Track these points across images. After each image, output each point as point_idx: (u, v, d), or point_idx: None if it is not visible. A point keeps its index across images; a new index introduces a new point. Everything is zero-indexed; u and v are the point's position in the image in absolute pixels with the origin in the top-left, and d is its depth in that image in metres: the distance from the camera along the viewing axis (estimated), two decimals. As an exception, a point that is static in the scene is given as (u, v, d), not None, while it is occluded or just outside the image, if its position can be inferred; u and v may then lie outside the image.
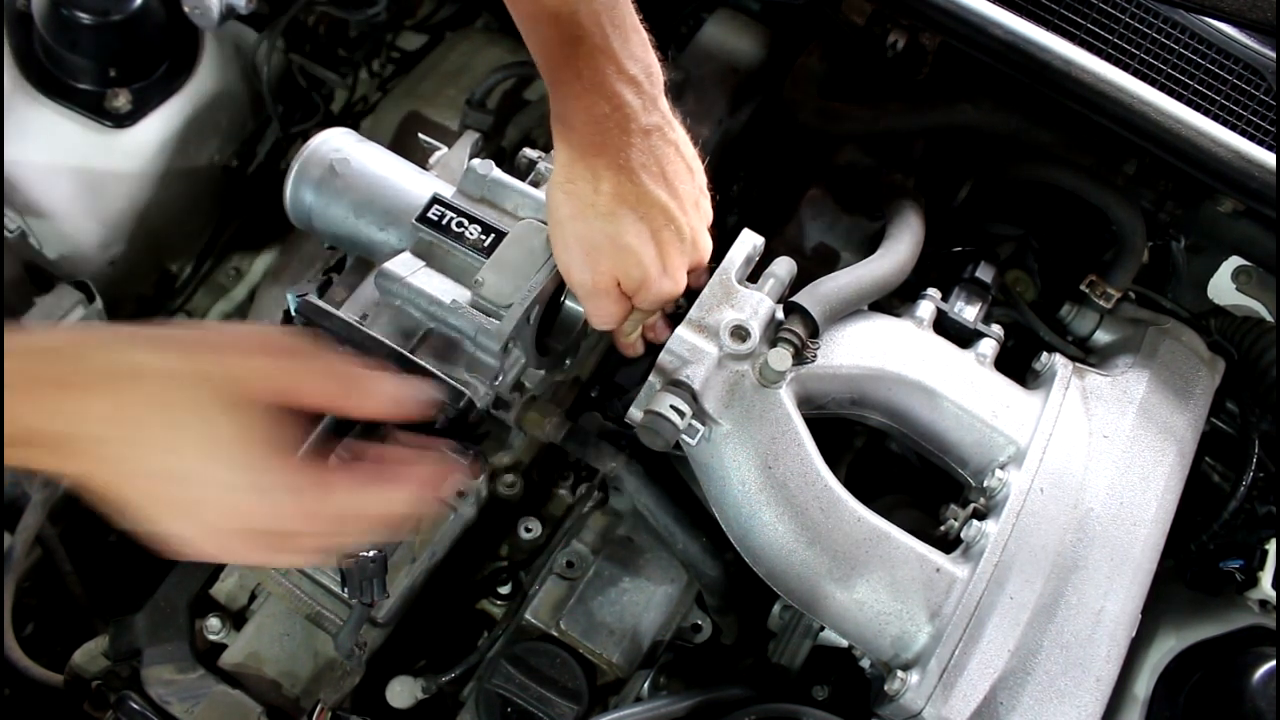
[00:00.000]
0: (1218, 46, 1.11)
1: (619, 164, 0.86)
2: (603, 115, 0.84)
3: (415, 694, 1.05)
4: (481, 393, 1.01)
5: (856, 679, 1.04)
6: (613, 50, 0.83)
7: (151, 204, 1.46)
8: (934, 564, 0.93)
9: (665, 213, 0.89)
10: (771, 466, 0.93)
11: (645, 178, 0.87)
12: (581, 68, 0.83)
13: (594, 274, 0.90)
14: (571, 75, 0.83)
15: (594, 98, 0.84)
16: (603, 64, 0.83)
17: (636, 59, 0.85)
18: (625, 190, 0.87)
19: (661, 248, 0.90)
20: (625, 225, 0.88)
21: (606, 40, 0.83)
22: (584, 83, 0.83)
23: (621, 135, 0.85)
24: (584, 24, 0.81)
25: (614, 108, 0.84)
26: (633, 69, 0.84)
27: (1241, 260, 1.29)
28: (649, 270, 0.90)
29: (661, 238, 0.89)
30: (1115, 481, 1.00)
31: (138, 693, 0.99)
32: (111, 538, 1.50)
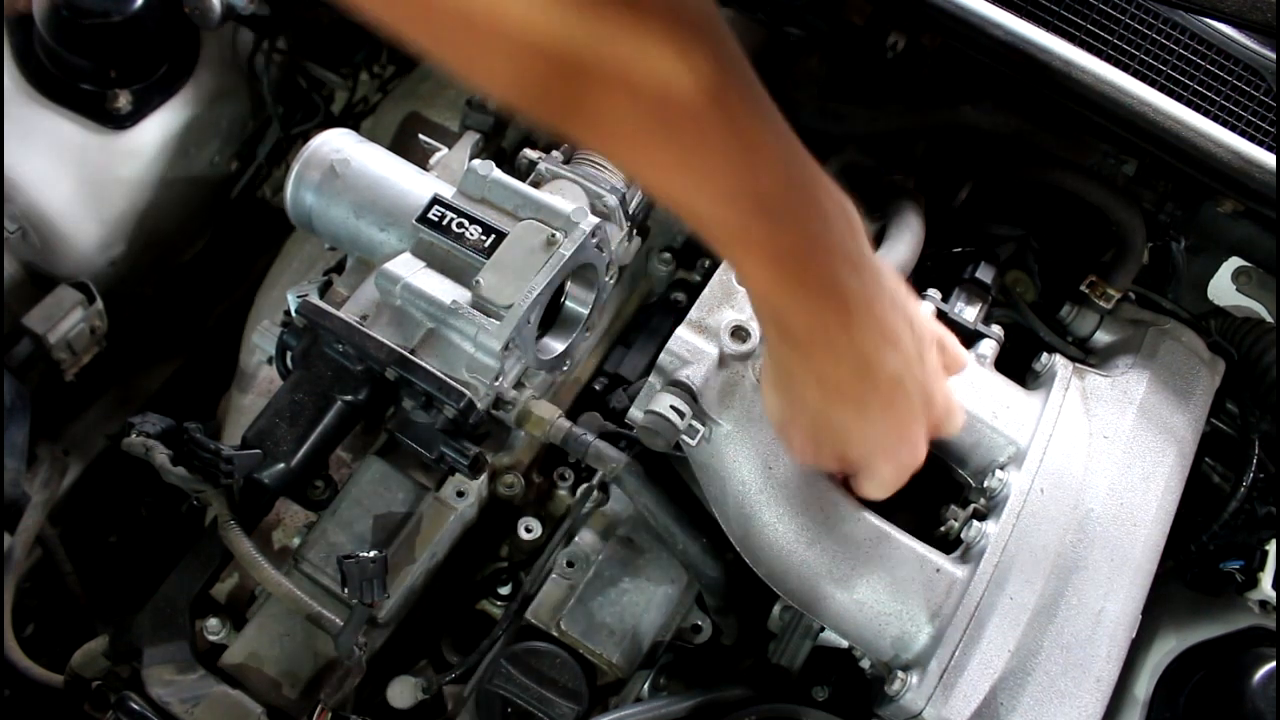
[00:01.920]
0: (1217, 47, 1.11)
1: (838, 353, 0.74)
2: (823, 314, 0.72)
3: (415, 694, 1.05)
4: (482, 393, 1.01)
5: (856, 679, 1.04)
6: (835, 246, 0.70)
7: (152, 205, 1.46)
8: (934, 564, 0.93)
9: (891, 386, 0.77)
10: (771, 467, 0.93)
11: (868, 358, 0.74)
12: (808, 280, 0.70)
13: (817, 458, 0.83)
14: (795, 284, 0.70)
15: (817, 300, 0.71)
16: (830, 265, 0.70)
17: (856, 230, 0.72)
18: (845, 381, 0.75)
19: (892, 421, 0.80)
20: (847, 414, 0.78)
21: (831, 242, 0.70)
22: (808, 289, 0.70)
23: (841, 329, 0.72)
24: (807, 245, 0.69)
25: (838, 304, 0.71)
26: (850, 245, 0.71)
27: (1241, 261, 1.29)
28: (878, 447, 0.81)
29: (891, 413, 0.79)
30: (1115, 482, 1.00)
31: (138, 693, 0.99)
32: (111, 538, 1.50)
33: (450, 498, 1.08)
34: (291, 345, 1.08)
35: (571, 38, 0.54)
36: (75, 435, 1.47)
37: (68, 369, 1.38)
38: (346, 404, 1.04)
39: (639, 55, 0.55)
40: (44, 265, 1.40)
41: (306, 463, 1.04)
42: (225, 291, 1.65)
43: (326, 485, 1.09)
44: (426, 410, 1.02)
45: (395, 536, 1.06)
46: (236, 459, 1.00)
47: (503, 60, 0.55)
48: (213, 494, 1.02)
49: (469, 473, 1.05)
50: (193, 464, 1.02)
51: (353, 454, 1.17)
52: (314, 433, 1.03)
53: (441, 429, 1.03)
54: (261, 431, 1.03)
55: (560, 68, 0.55)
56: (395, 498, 1.08)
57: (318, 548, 1.05)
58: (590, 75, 0.55)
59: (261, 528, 1.12)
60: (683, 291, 1.30)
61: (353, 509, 1.07)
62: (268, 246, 1.54)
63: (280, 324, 1.10)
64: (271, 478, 1.02)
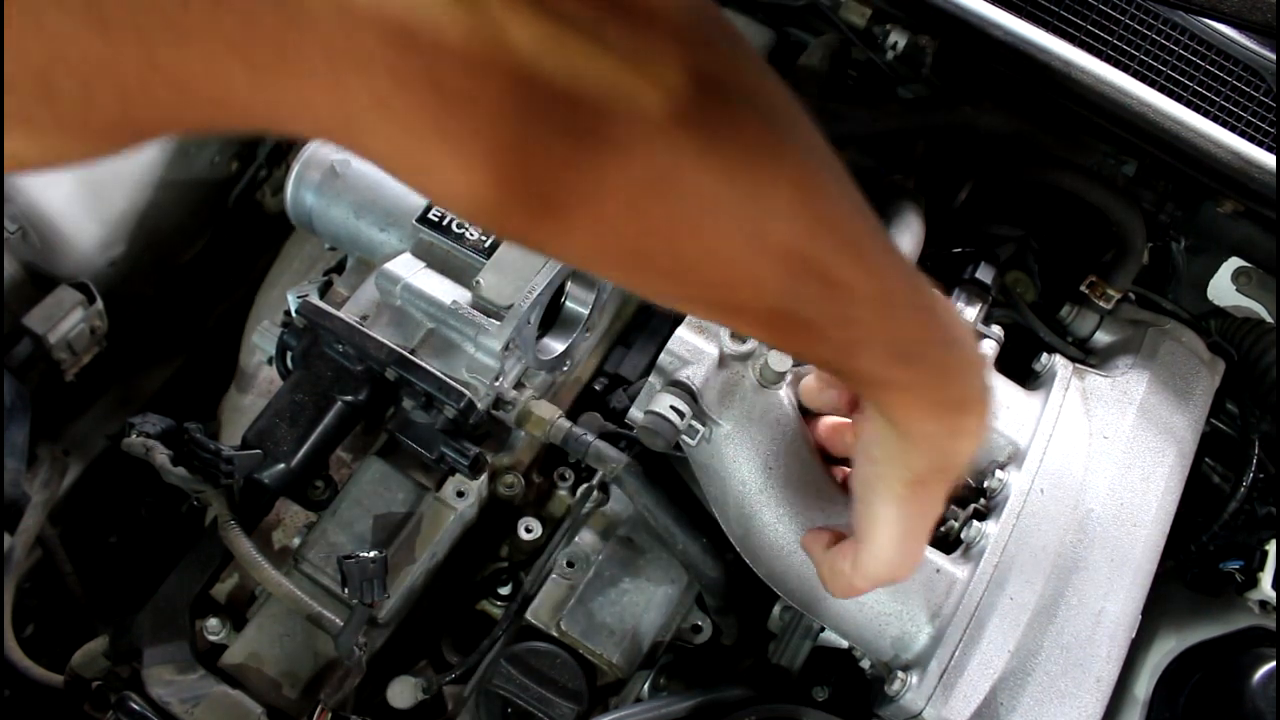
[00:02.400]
0: (1217, 48, 1.11)
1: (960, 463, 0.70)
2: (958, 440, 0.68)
3: (415, 694, 1.05)
4: (482, 393, 1.01)
5: (856, 679, 1.04)
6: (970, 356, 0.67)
7: (152, 205, 1.46)
8: (934, 564, 0.93)
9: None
10: (772, 467, 0.93)
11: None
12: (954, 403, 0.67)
13: (919, 557, 0.77)
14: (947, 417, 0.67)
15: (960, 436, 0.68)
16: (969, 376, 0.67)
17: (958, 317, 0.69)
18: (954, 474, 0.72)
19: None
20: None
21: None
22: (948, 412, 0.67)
23: (977, 431, 0.69)
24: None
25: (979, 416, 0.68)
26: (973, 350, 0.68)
27: (1241, 261, 1.29)
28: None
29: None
30: (1115, 482, 1.00)
31: (138, 693, 0.99)
32: (111, 538, 1.50)
33: (450, 498, 1.08)
34: (291, 345, 1.08)
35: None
36: (75, 435, 1.47)
37: (68, 369, 1.38)
38: (346, 404, 1.04)
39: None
40: (44, 265, 1.40)
41: (306, 463, 1.04)
42: (225, 291, 1.66)
43: (326, 485, 1.09)
44: (426, 410, 1.02)
45: (395, 536, 1.06)
46: (236, 459, 1.00)
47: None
48: (213, 494, 1.02)
49: (469, 473, 1.05)
50: (193, 464, 1.02)
51: (353, 454, 1.17)
52: (314, 433, 1.03)
53: (441, 429, 1.03)
54: (261, 431, 1.03)
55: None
56: (395, 498, 1.08)
57: (318, 548, 1.05)
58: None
59: (261, 528, 1.12)
60: (683, 292, 1.29)
61: (353, 509, 1.07)
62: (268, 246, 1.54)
63: (280, 324, 1.10)
64: (271, 478, 1.02)
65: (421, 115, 0.39)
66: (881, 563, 0.74)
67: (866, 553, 0.74)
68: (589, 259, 0.48)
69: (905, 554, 0.73)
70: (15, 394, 1.26)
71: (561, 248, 0.47)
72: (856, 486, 0.73)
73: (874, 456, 0.70)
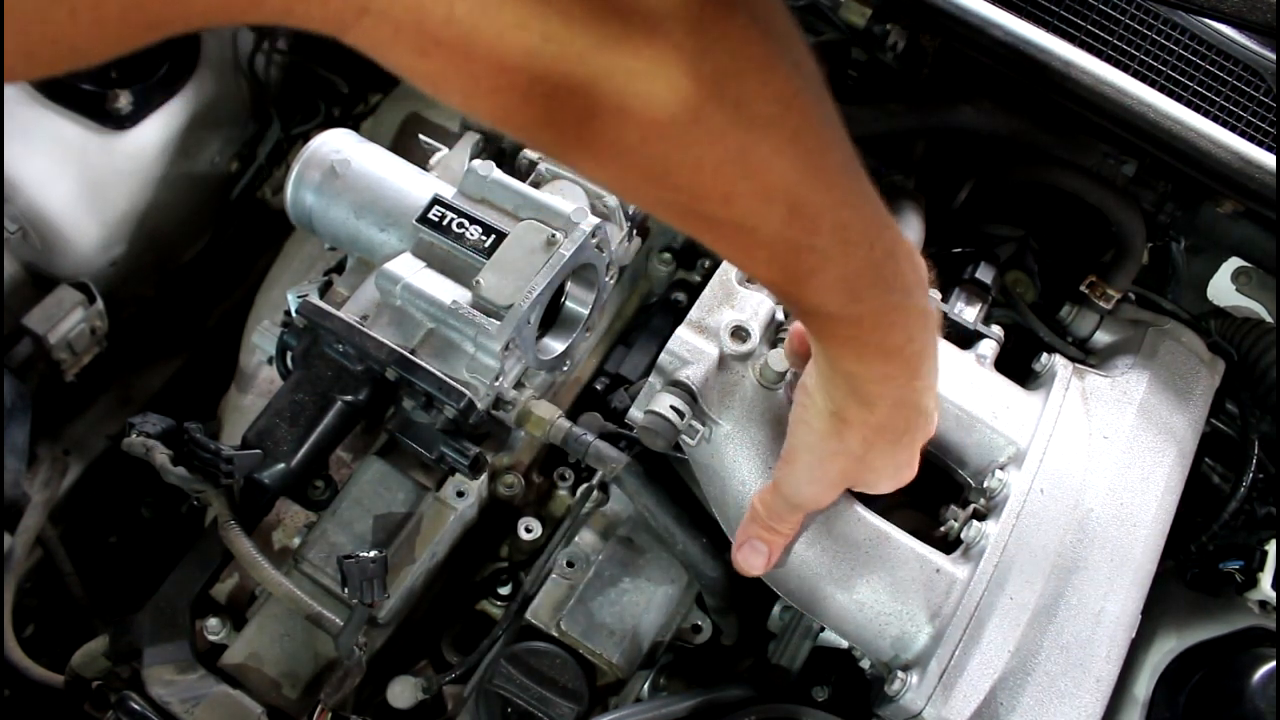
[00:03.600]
0: (1217, 48, 1.11)
1: (902, 405, 0.74)
2: (897, 374, 0.71)
3: (415, 694, 1.05)
4: (482, 393, 1.01)
5: (856, 679, 1.04)
6: (915, 305, 0.68)
7: (152, 205, 1.46)
8: (934, 565, 0.93)
9: (925, 421, 0.77)
10: (771, 467, 0.93)
11: (921, 405, 0.75)
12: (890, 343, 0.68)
13: (830, 495, 0.83)
14: (875, 350, 0.69)
15: (894, 364, 0.70)
16: (908, 324, 0.68)
17: (923, 274, 0.69)
18: (896, 427, 0.76)
19: (913, 450, 0.80)
20: (885, 453, 0.78)
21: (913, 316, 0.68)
22: (888, 355, 0.69)
23: (909, 382, 0.72)
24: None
25: (913, 365, 0.71)
26: (921, 296, 0.69)
27: (1241, 261, 1.29)
28: (897, 475, 0.82)
29: (916, 444, 0.80)
30: (1115, 482, 1.00)
31: (138, 693, 0.99)
32: (111, 538, 1.50)
33: (450, 498, 1.08)
34: (292, 345, 1.08)
35: (550, 57, 0.44)
36: (76, 435, 1.47)
37: (68, 369, 1.38)
38: (346, 404, 1.04)
39: (614, 73, 0.45)
40: (44, 265, 1.41)
41: (306, 463, 1.04)
42: (225, 291, 1.66)
43: (326, 485, 1.09)
44: (426, 410, 1.02)
45: (395, 536, 1.06)
46: (237, 459, 1.00)
47: (486, 90, 0.47)
48: (213, 494, 1.02)
49: (469, 473, 1.05)
50: (193, 464, 1.02)
51: (353, 454, 1.17)
52: (314, 433, 1.03)
53: (441, 429, 1.03)
54: (262, 431, 1.03)
55: (544, 92, 0.46)
56: (395, 498, 1.08)
57: (318, 548, 1.05)
58: (575, 97, 0.46)
59: (261, 528, 1.12)
60: (683, 291, 1.30)
61: (353, 509, 1.07)
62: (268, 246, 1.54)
63: (280, 324, 1.10)
64: (272, 478, 1.02)
65: (409, 40, 0.43)
66: (794, 488, 0.81)
67: (787, 475, 0.81)
68: (566, 156, 0.53)
69: (820, 484, 0.81)
70: (15, 394, 1.26)
71: (540, 145, 0.53)
72: (791, 414, 0.79)
73: (808, 387, 0.75)
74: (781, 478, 0.82)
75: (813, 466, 0.79)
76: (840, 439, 0.75)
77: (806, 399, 0.75)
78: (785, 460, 0.81)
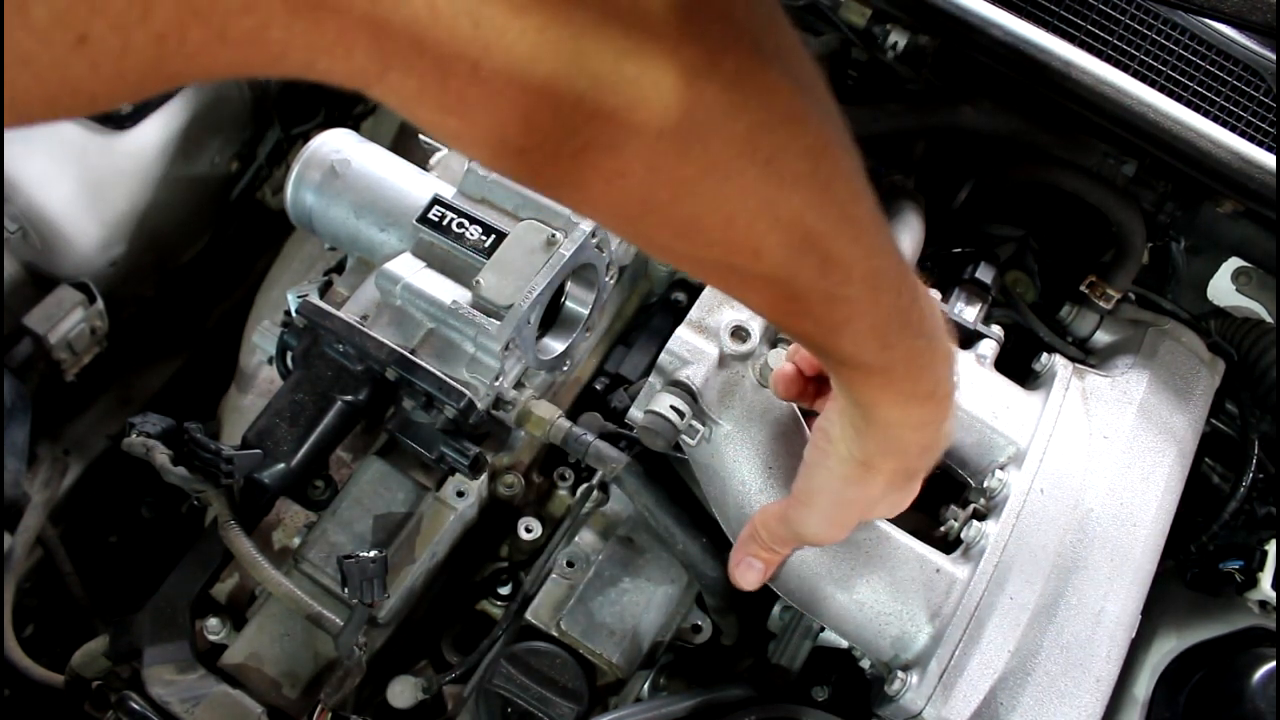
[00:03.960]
0: (1217, 48, 1.11)
1: (927, 439, 0.72)
2: (923, 410, 0.69)
3: (415, 694, 1.05)
4: (482, 393, 1.01)
5: (856, 679, 1.04)
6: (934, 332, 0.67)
7: (152, 205, 1.46)
8: (934, 565, 0.93)
9: (940, 449, 0.77)
10: (772, 467, 0.93)
11: (944, 436, 0.74)
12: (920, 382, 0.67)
13: (841, 535, 0.83)
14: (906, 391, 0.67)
15: (922, 402, 0.69)
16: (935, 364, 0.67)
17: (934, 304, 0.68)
18: (920, 461, 0.75)
19: (920, 481, 0.79)
20: (905, 489, 0.78)
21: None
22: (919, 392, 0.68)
23: (937, 419, 0.71)
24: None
25: (942, 400, 0.70)
26: (945, 341, 0.68)
27: (1241, 261, 1.29)
28: (907, 501, 0.81)
29: (923, 474, 0.79)
30: (1115, 482, 1.00)
31: (138, 693, 0.99)
32: (112, 538, 1.50)
33: (450, 498, 1.08)
34: (292, 345, 1.08)
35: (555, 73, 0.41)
36: (76, 435, 1.47)
37: (68, 369, 1.38)
38: (346, 404, 1.04)
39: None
40: (44, 265, 1.41)
41: (306, 463, 1.04)
42: (225, 291, 1.66)
43: (326, 485, 1.09)
44: (427, 410, 1.02)
45: (395, 536, 1.06)
46: (237, 459, 1.00)
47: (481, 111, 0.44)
48: (213, 494, 1.02)
49: (469, 473, 1.05)
50: (193, 464, 1.02)
51: (353, 454, 1.17)
52: (314, 433, 1.03)
53: (441, 429, 1.03)
54: (262, 431, 1.03)
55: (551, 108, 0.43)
56: (395, 498, 1.08)
57: (318, 548, 1.05)
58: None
59: (261, 528, 1.12)
60: (683, 291, 1.30)
61: (353, 509, 1.07)
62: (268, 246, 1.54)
63: (280, 324, 1.10)
64: (272, 478, 1.02)
65: (434, 96, 0.43)
66: (809, 528, 0.81)
67: (799, 514, 0.80)
68: (600, 214, 0.51)
69: (833, 526, 0.81)
70: (15, 394, 1.26)
71: (574, 203, 0.50)
72: (808, 454, 0.77)
73: (831, 434, 0.73)
74: (794, 516, 0.81)
75: (830, 510, 0.78)
76: (864, 486, 0.75)
77: (828, 445, 0.74)
78: (800, 501, 0.79)
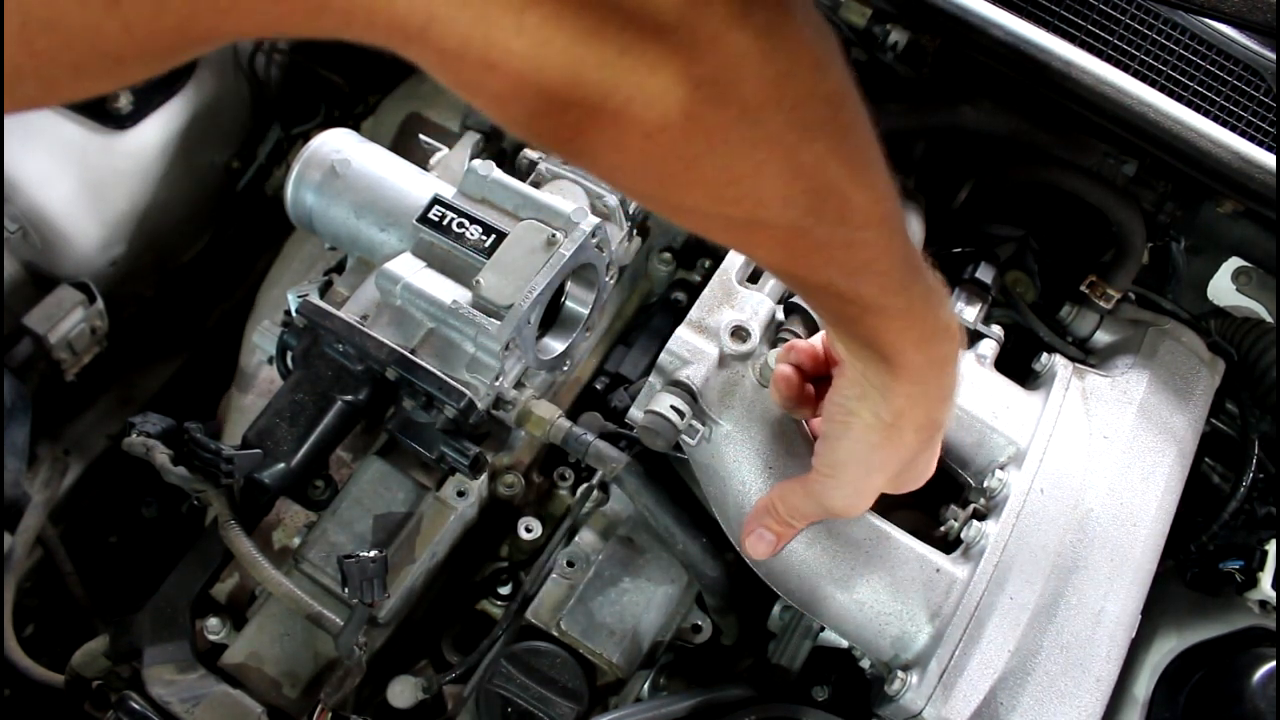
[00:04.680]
0: (1217, 48, 1.11)
1: (945, 391, 0.74)
2: (940, 349, 0.71)
3: (415, 694, 1.05)
4: (482, 393, 1.01)
5: (856, 679, 1.04)
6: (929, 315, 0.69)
7: (152, 205, 1.46)
8: (934, 564, 0.93)
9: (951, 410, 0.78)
10: (772, 467, 0.93)
11: (954, 392, 0.76)
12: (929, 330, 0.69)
13: (867, 504, 0.83)
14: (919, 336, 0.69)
15: (935, 347, 0.70)
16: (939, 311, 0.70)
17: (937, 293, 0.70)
18: (940, 419, 0.76)
19: (939, 446, 0.81)
20: (928, 451, 0.80)
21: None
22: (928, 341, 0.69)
23: (949, 363, 0.73)
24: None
25: (949, 341, 0.72)
26: (933, 278, 0.70)
27: (1241, 261, 1.29)
28: (921, 478, 0.83)
29: (941, 436, 0.80)
30: (1115, 482, 1.00)
31: (138, 693, 0.99)
32: (112, 538, 1.50)
33: (450, 497, 1.08)
34: (292, 345, 1.08)
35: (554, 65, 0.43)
36: (76, 435, 1.47)
37: (68, 369, 1.38)
38: (347, 404, 1.04)
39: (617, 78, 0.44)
40: (44, 265, 1.41)
41: (307, 463, 1.04)
42: (225, 291, 1.66)
43: (326, 485, 1.09)
44: (427, 410, 1.02)
45: (395, 536, 1.06)
46: (237, 459, 1.00)
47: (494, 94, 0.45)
48: (213, 494, 1.02)
49: (469, 472, 1.05)
50: (193, 464, 1.02)
51: (353, 454, 1.17)
52: (314, 433, 1.03)
53: (442, 429, 1.03)
54: (262, 431, 1.03)
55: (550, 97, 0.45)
56: (395, 498, 1.08)
57: (318, 548, 1.05)
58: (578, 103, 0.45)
59: (261, 528, 1.12)
60: (683, 291, 1.30)
61: (353, 509, 1.07)
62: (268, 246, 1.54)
63: (280, 324, 1.10)
64: (272, 477, 1.02)
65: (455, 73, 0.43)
66: (837, 500, 0.80)
67: (825, 487, 0.80)
68: (635, 176, 0.52)
69: (861, 495, 0.80)
70: (15, 394, 1.26)
71: (592, 165, 0.51)
72: (826, 429, 0.77)
73: (848, 404, 0.74)
74: (820, 490, 0.81)
75: (860, 479, 0.79)
76: (894, 447, 0.75)
77: (848, 416, 0.74)
78: (825, 474, 0.79)
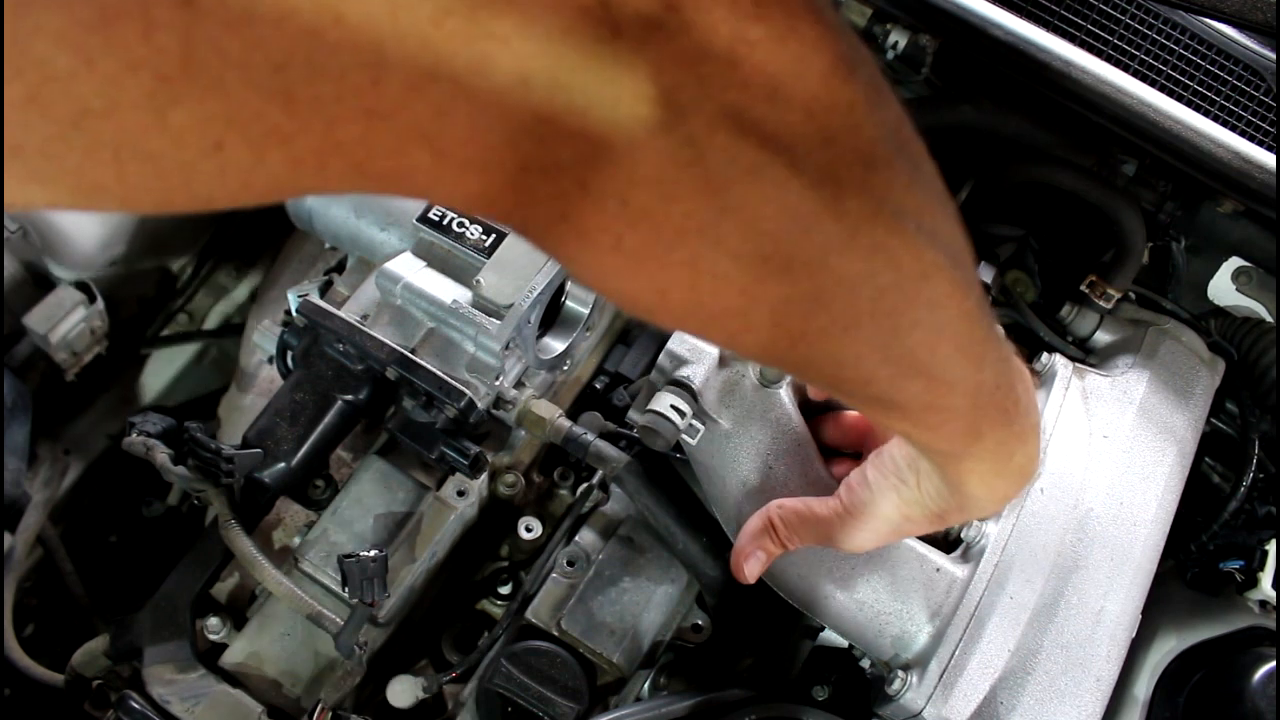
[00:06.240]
0: (1217, 48, 1.11)
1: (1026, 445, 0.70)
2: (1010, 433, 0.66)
3: (415, 694, 1.06)
4: (482, 393, 1.01)
5: (856, 679, 1.04)
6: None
7: (152, 204, 1.46)
8: (934, 564, 0.93)
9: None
10: (772, 466, 0.93)
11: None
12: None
13: (879, 545, 0.82)
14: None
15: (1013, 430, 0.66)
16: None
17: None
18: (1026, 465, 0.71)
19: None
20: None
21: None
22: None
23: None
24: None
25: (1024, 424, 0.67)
26: (1034, 416, 0.67)
27: (1241, 261, 1.28)
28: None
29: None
30: (1115, 481, 1.00)
31: (138, 692, 0.99)
32: (112, 538, 1.50)
33: (450, 497, 1.08)
34: (292, 345, 1.08)
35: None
36: (76, 435, 1.47)
37: (69, 369, 1.38)
38: (347, 403, 1.05)
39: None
40: (44, 265, 1.41)
41: (307, 462, 1.04)
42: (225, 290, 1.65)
43: (327, 485, 1.09)
44: (427, 410, 1.02)
45: (395, 536, 1.06)
46: (237, 458, 1.00)
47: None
48: (213, 493, 1.02)
49: (469, 472, 1.05)
50: (193, 463, 1.02)
51: (353, 453, 1.17)
52: (314, 432, 1.03)
53: (442, 428, 1.03)
54: (262, 431, 1.03)
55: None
56: (395, 497, 1.08)
57: (318, 547, 1.05)
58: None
59: (261, 527, 1.12)
60: (683, 291, 1.29)
61: (353, 508, 1.07)
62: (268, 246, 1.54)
63: (281, 323, 1.10)
64: (272, 477, 1.02)
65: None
66: (854, 541, 0.81)
67: (847, 527, 0.79)
68: (600, 280, 0.44)
69: (878, 542, 0.81)
70: (16, 394, 1.26)
71: (569, 262, 0.43)
72: (872, 474, 0.76)
73: (904, 475, 0.73)
74: (840, 526, 0.80)
75: (884, 534, 0.79)
76: (927, 526, 0.76)
77: (900, 482, 0.73)
78: (853, 514, 0.78)
